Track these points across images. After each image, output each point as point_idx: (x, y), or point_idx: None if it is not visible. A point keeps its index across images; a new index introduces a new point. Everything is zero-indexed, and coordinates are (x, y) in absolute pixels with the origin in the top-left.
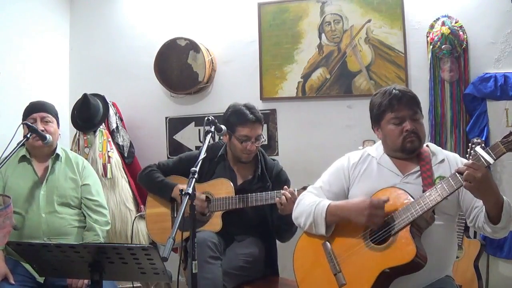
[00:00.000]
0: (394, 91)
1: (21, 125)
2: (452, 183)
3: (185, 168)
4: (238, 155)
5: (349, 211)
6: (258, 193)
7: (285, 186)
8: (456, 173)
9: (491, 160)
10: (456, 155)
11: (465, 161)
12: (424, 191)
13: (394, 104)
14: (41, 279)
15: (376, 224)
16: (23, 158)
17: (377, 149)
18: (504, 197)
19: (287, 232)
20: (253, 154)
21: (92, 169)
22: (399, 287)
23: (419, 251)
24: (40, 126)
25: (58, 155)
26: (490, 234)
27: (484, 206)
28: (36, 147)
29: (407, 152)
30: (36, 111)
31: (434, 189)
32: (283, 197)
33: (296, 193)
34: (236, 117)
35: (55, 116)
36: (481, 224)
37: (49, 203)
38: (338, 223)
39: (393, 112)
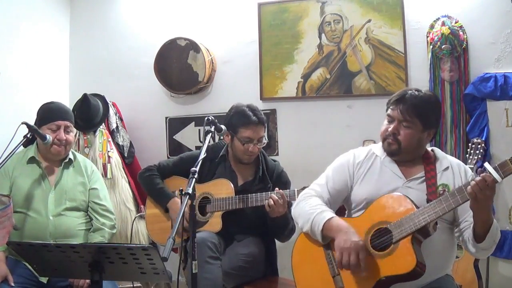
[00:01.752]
0: (406, 92)
1: (22, 125)
2: (458, 197)
3: (185, 168)
4: (240, 156)
5: (339, 231)
6: (258, 194)
7: (276, 188)
8: (463, 187)
9: (499, 179)
10: (460, 163)
11: (468, 169)
12: (428, 199)
13: (393, 103)
14: (44, 280)
15: (342, 260)
16: (32, 160)
17: (381, 148)
18: (494, 220)
19: (281, 235)
20: (255, 155)
21: (100, 174)
22: (398, 287)
23: (419, 261)
24: (63, 136)
25: (70, 160)
26: (471, 253)
27: (473, 222)
28: (55, 154)
29: (386, 153)
30: (61, 118)
31: (439, 201)
32: (270, 200)
33: (296, 193)
34: (238, 118)
35: (73, 123)
36: (466, 239)
37: (58, 206)
38: None
39: (389, 110)
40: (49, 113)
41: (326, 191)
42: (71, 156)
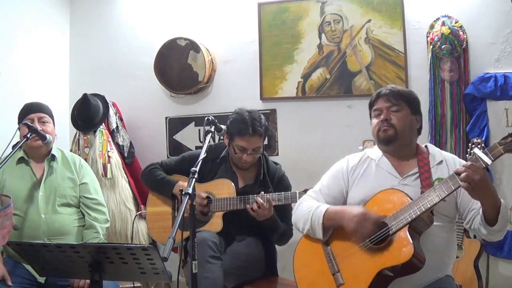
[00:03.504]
0: (382, 88)
1: (20, 126)
2: (450, 184)
3: (187, 167)
4: (235, 161)
5: (343, 216)
6: (255, 195)
7: (262, 192)
8: (454, 174)
9: (488, 161)
10: (455, 156)
11: (463, 162)
12: (422, 192)
13: (374, 99)
14: (42, 280)
15: (361, 234)
16: (20, 160)
17: (376, 151)
18: (501, 200)
19: (271, 238)
20: (250, 164)
21: (89, 168)
22: (399, 287)
23: (416, 251)
24: (38, 126)
25: (53, 155)
26: (486, 236)
27: (481, 208)
28: (35, 147)
29: (383, 143)
30: (33, 111)
31: (432, 190)
32: (255, 204)
33: (297, 195)
34: (236, 126)
35: (51, 116)
36: (477, 226)
37: (48, 204)
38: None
39: (373, 107)
40: (22, 112)
41: (321, 198)
42: (54, 152)
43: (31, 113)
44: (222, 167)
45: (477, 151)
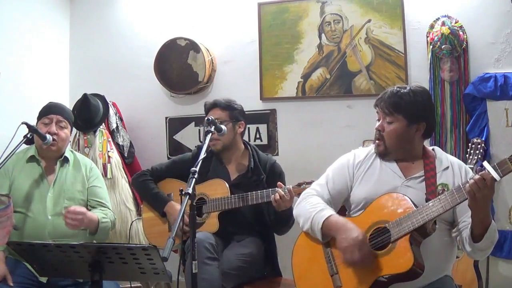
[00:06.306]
0: (387, 90)
1: (22, 125)
2: (456, 196)
3: (178, 171)
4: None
5: (339, 230)
6: (254, 192)
7: (279, 183)
8: (461, 187)
9: (497, 177)
10: (462, 163)
11: (470, 170)
12: (427, 198)
13: (376, 103)
14: (43, 279)
15: (346, 256)
16: (32, 159)
17: None
18: (493, 221)
19: (284, 226)
20: (214, 142)
21: (99, 172)
22: (397, 287)
23: (416, 260)
24: (53, 129)
25: (66, 158)
26: (468, 253)
27: (471, 222)
28: (47, 150)
29: (378, 156)
30: (54, 112)
31: (438, 200)
32: (277, 194)
33: (291, 189)
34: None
35: (70, 122)
36: (463, 240)
37: (57, 205)
38: None
39: (377, 107)
40: (44, 109)
41: (327, 192)
42: (67, 154)
43: (52, 113)
44: (212, 163)
45: (486, 165)
